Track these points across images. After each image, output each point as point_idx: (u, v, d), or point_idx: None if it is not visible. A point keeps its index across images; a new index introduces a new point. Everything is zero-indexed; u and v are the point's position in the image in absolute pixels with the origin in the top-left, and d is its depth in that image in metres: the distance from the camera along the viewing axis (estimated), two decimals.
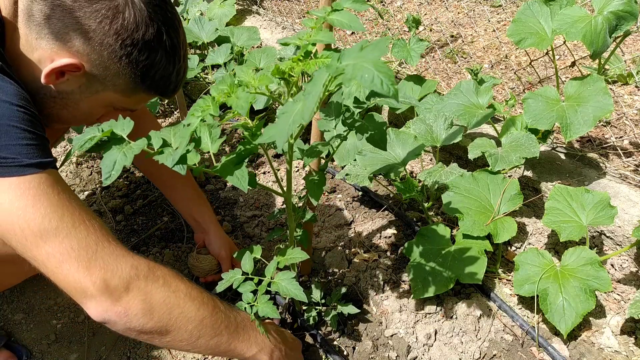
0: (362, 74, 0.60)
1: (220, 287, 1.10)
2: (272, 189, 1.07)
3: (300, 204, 1.19)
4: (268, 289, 1.06)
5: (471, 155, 1.54)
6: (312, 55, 0.81)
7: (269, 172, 1.98)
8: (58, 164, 2.02)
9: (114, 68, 0.94)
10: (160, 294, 0.90)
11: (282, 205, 1.80)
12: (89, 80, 0.96)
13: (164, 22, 0.95)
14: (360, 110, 0.96)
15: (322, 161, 1.27)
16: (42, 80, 0.92)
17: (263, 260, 1.15)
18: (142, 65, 0.95)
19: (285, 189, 1.05)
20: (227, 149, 2.12)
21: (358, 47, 0.65)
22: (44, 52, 0.92)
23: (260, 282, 1.10)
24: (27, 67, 0.94)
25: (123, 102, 1.04)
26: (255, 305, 1.07)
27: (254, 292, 1.09)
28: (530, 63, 1.80)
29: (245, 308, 1.08)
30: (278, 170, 1.98)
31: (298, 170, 1.95)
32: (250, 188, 0.91)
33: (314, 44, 0.82)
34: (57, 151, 2.11)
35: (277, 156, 2.08)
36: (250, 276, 1.11)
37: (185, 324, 0.92)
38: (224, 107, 1.96)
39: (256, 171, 1.98)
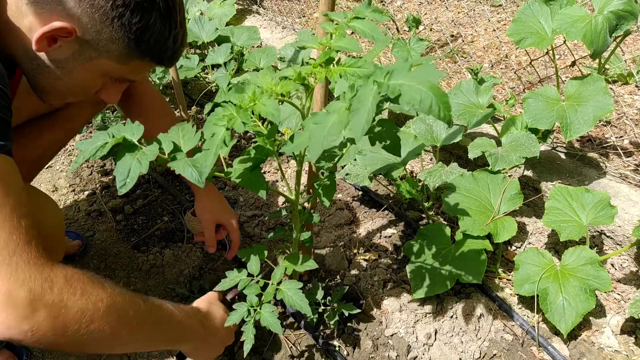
0: (420, 97, 0.60)
1: (223, 286, 1.10)
2: (281, 192, 1.06)
3: (307, 206, 1.19)
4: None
5: (471, 155, 1.54)
6: (334, 62, 0.80)
7: (269, 172, 1.98)
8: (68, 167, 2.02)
9: (106, 32, 0.91)
10: (76, 307, 0.79)
11: (282, 204, 1.80)
12: (82, 47, 0.93)
13: None
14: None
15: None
16: (34, 47, 0.88)
17: (267, 262, 1.15)
18: (135, 27, 0.92)
19: (293, 191, 1.05)
20: None
21: (406, 66, 0.65)
22: (34, 18, 0.88)
23: (265, 286, 1.09)
24: (17, 35, 0.90)
25: (119, 70, 1.00)
26: (259, 312, 1.06)
27: (259, 296, 1.08)
28: (530, 63, 1.80)
29: (248, 310, 1.07)
30: (277, 171, 1.98)
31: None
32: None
33: (337, 51, 0.81)
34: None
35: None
36: (256, 278, 1.10)
37: (102, 340, 0.83)
38: None
39: None
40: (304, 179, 1.37)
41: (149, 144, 0.82)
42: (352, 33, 2.97)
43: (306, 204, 1.22)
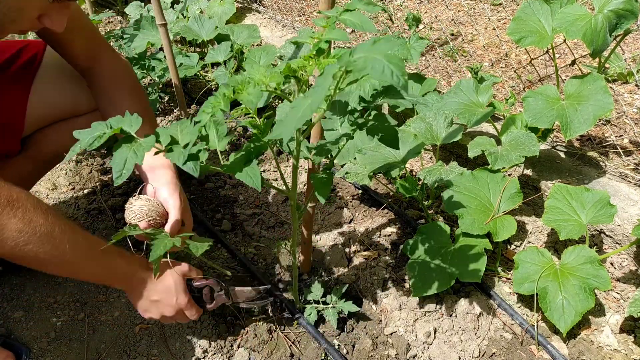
0: (372, 64, 0.61)
1: None
2: (278, 187, 1.07)
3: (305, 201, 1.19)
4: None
5: (471, 154, 1.54)
6: (324, 53, 0.81)
7: (268, 170, 1.98)
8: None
9: None
10: (14, 228, 0.88)
11: (282, 203, 1.80)
12: None
13: None
14: (367, 109, 0.96)
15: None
16: None
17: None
18: None
19: (290, 187, 1.05)
20: (226, 147, 2.12)
21: (370, 42, 0.67)
22: None
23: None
24: None
25: None
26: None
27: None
28: (530, 61, 1.79)
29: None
30: (276, 170, 1.98)
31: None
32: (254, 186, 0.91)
33: (326, 42, 0.83)
34: None
35: (278, 153, 2.08)
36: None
37: (36, 260, 0.93)
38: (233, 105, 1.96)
39: None
40: (304, 177, 1.37)
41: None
42: (353, 32, 2.94)
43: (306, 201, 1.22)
